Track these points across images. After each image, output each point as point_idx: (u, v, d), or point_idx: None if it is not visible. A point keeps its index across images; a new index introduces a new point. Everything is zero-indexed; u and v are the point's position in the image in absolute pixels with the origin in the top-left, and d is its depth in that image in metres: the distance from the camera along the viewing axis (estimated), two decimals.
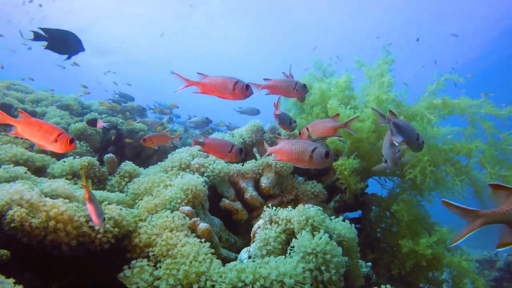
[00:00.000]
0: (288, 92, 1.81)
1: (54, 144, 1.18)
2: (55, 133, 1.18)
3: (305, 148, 1.52)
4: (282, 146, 1.59)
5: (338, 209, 2.32)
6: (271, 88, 1.77)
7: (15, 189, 1.23)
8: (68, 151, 1.23)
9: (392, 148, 1.55)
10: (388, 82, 2.20)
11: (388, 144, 1.56)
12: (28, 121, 1.19)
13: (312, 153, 1.50)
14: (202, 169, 2.12)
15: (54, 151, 1.22)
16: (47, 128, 1.19)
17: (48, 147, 1.20)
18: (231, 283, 1.17)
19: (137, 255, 1.39)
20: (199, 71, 1.45)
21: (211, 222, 1.88)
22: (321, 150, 1.51)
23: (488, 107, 2.01)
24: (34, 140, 1.20)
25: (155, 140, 2.31)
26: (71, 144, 1.19)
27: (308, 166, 1.57)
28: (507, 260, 4.59)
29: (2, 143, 1.96)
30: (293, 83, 1.79)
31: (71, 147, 1.20)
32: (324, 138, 2.00)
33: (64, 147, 1.19)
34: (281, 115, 1.94)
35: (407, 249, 1.99)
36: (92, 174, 2.03)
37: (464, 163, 2.10)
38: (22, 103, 3.05)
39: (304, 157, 1.52)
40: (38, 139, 1.19)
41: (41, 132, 1.18)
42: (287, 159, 1.59)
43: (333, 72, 2.73)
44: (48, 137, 1.18)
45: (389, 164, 1.59)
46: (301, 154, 1.52)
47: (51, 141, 1.18)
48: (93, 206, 1.10)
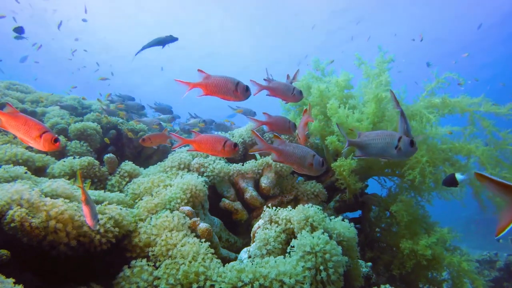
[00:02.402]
0: (286, 96, 1.89)
1: (37, 140, 1.15)
2: (40, 130, 1.16)
3: (307, 154, 1.53)
4: (284, 148, 1.58)
5: (338, 209, 2.32)
6: (271, 90, 1.84)
7: (15, 189, 1.23)
8: (51, 150, 1.20)
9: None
10: (385, 80, 2.19)
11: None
12: (14, 114, 1.16)
13: (312, 160, 1.52)
14: (202, 169, 2.13)
15: (37, 148, 1.19)
16: (33, 124, 1.16)
17: (31, 143, 1.17)
18: (231, 282, 1.17)
19: (137, 255, 1.39)
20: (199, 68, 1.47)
21: (211, 222, 1.88)
22: (319, 158, 1.54)
23: (488, 105, 2.00)
24: (18, 134, 1.17)
25: (154, 139, 2.31)
26: (55, 143, 1.16)
27: (306, 172, 1.59)
28: (507, 260, 4.59)
29: (2, 143, 1.95)
30: (291, 88, 1.87)
31: (54, 146, 1.16)
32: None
33: (48, 145, 1.15)
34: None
35: (407, 250, 1.99)
36: (92, 174, 2.03)
37: (464, 163, 2.10)
38: (22, 103, 3.05)
39: (305, 163, 1.53)
40: (21, 133, 1.16)
41: (25, 127, 1.15)
42: (289, 162, 1.59)
43: (332, 71, 2.72)
44: (32, 133, 1.15)
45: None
46: (302, 159, 1.53)
47: (35, 137, 1.15)
48: (89, 208, 1.11)
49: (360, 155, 1.56)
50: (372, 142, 1.50)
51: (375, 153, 1.51)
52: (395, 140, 1.44)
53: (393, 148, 1.43)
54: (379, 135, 1.49)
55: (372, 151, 1.51)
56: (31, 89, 3.62)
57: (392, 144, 1.44)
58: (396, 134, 1.46)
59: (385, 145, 1.46)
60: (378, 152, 1.50)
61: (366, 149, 1.53)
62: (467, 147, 2.01)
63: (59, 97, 3.43)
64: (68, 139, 2.50)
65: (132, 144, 3.00)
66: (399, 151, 1.43)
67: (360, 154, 1.56)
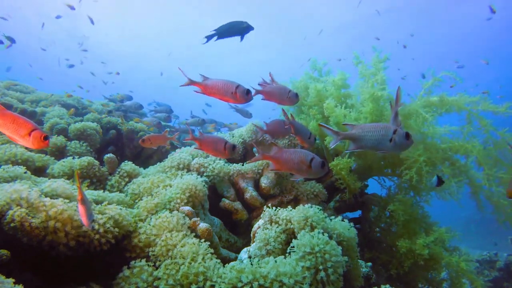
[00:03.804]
0: (281, 100, 1.87)
1: (26, 138, 1.13)
2: (29, 128, 1.14)
3: (304, 158, 1.51)
4: (280, 156, 1.57)
5: (338, 209, 2.33)
6: (266, 94, 1.83)
7: (15, 189, 1.23)
8: (41, 148, 1.19)
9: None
10: (381, 79, 2.19)
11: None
12: (2, 112, 1.14)
13: (310, 162, 1.50)
14: (202, 169, 2.13)
15: (26, 146, 1.18)
16: (22, 121, 1.14)
17: (20, 141, 1.15)
18: (231, 283, 1.17)
19: (136, 255, 1.39)
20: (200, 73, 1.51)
21: (211, 222, 1.88)
22: (318, 160, 1.51)
23: (486, 104, 1.99)
24: (6, 132, 1.15)
25: (154, 140, 2.31)
26: (44, 141, 1.15)
27: (306, 175, 1.57)
28: (507, 260, 4.60)
29: (1, 143, 1.95)
30: (287, 91, 1.84)
31: (44, 144, 1.15)
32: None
33: (37, 143, 1.14)
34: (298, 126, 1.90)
35: (405, 249, 1.99)
36: (92, 174, 2.03)
37: (463, 162, 2.10)
38: (21, 103, 3.05)
39: (303, 167, 1.51)
40: (10, 131, 1.14)
41: (14, 124, 1.13)
42: (287, 168, 1.58)
43: (329, 71, 2.73)
44: (20, 131, 1.13)
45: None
46: (300, 164, 1.52)
47: (24, 134, 1.13)
48: (85, 208, 1.10)
49: (354, 148, 1.50)
50: (367, 134, 1.45)
51: (370, 145, 1.46)
52: (390, 132, 1.41)
53: (388, 141, 1.40)
54: (374, 127, 1.45)
55: (367, 144, 1.46)
56: (31, 89, 3.62)
57: (387, 137, 1.41)
58: (391, 126, 1.43)
59: (381, 137, 1.42)
60: (373, 145, 1.45)
61: (361, 142, 1.47)
62: (465, 146, 2.01)
63: (59, 97, 3.44)
64: (68, 139, 2.50)
65: (132, 144, 3.01)
66: (394, 143, 1.40)
67: (354, 147, 1.50)
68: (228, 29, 2.56)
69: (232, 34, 2.57)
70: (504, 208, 2.01)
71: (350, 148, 1.52)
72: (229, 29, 2.56)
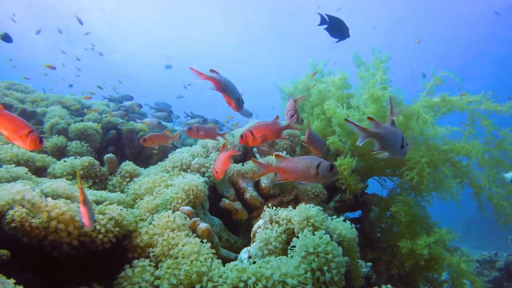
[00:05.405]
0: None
1: (24, 139, 1.21)
2: (27, 129, 1.22)
3: (310, 164, 1.47)
4: (286, 165, 1.54)
5: (338, 209, 2.32)
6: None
7: (17, 189, 1.23)
8: (35, 149, 1.27)
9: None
10: (381, 79, 2.19)
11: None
12: (0, 112, 1.21)
13: (317, 168, 1.46)
14: (203, 169, 2.13)
15: (22, 146, 1.25)
16: (20, 123, 1.22)
17: (17, 141, 1.23)
18: (232, 283, 1.17)
19: (138, 255, 1.39)
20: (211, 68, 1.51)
21: (211, 222, 1.88)
22: (326, 164, 1.47)
23: (488, 103, 1.98)
24: (4, 132, 1.22)
25: (155, 140, 2.31)
26: (40, 143, 1.24)
27: (315, 181, 1.53)
28: (507, 260, 4.60)
29: (2, 143, 1.95)
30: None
31: (39, 146, 1.24)
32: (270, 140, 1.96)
33: (33, 145, 1.22)
34: (313, 136, 1.92)
35: (406, 250, 1.99)
36: (93, 174, 2.03)
37: (465, 163, 2.09)
38: (22, 103, 3.04)
39: (310, 173, 1.47)
40: (8, 131, 1.21)
41: (12, 125, 1.21)
42: (294, 177, 1.54)
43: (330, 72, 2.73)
44: (19, 131, 1.21)
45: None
46: (306, 171, 1.48)
47: (22, 135, 1.21)
48: (86, 208, 1.12)
49: (378, 149, 1.43)
50: (389, 135, 1.40)
51: (390, 147, 1.41)
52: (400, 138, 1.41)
53: (400, 146, 1.40)
54: (393, 130, 1.40)
55: (388, 145, 1.40)
56: (32, 89, 3.62)
57: (398, 142, 1.40)
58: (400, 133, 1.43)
59: (396, 142, 1.40)
60: (391, 147, 1.41)
61: (384, 142, 1.40)
62: (466, 147, 2.00)
63: (59, 97, 3.43)
64: (69, 139, 2.50)
65: (132, 144, 3.00)
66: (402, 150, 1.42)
67: (378, 148, 1.42)
68: (338, 24, 2.45)
69: (337, 32, 2.47)
70: (504, 209, 2.01)
71: (376, 149, 1.45)
72: (339, 25, 2.44)
